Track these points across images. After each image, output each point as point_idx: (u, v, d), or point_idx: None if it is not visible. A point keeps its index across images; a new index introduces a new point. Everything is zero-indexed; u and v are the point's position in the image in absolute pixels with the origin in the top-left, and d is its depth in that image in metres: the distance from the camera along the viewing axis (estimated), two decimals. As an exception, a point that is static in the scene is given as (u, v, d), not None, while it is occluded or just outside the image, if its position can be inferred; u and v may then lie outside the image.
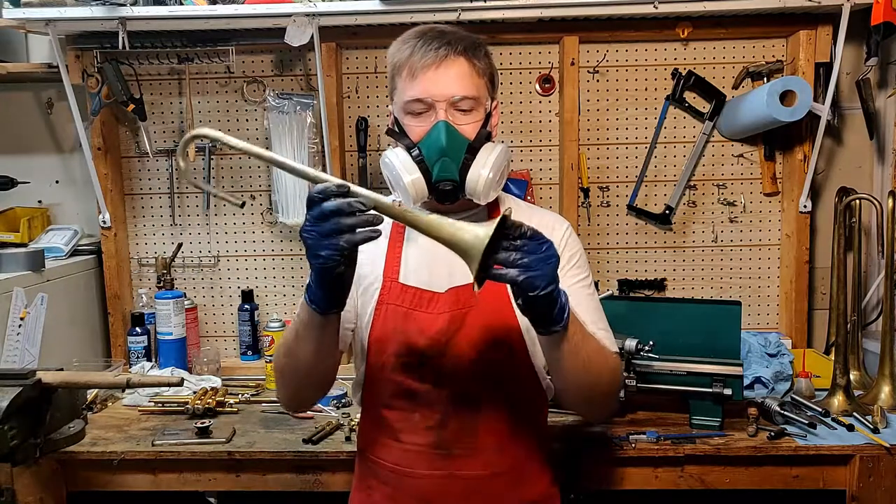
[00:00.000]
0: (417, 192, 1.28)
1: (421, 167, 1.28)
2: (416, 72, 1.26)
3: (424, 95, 1.26)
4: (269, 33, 2.15)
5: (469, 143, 1.28)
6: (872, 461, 1.64)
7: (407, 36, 1.31)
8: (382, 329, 1.31)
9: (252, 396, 2.06)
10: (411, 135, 1.30)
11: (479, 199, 1.30)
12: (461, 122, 1.28)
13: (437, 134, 1.26)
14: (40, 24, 2.04)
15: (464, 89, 1.26)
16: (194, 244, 2.37)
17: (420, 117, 1.28)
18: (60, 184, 2.46)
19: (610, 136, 2.29)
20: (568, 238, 1.37)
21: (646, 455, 1.67)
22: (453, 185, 1.28)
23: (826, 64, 2.16)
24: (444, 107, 1.26)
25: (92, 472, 1.74)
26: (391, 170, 1.30)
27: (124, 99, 2.17)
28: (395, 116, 1.34)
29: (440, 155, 1.26)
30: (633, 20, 2.17)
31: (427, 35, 1.28)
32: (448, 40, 1.27)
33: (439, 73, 1.25)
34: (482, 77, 1.30)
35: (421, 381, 1.28)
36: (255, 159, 2.32)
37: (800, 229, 2.22)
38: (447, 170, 1.26)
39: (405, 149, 1.30)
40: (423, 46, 1.26)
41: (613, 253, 2.32)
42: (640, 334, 1.76)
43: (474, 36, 1.32)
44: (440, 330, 1.27)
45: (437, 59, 1.25)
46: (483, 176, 1.27)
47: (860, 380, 1.98)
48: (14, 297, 1.94)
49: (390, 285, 1.32)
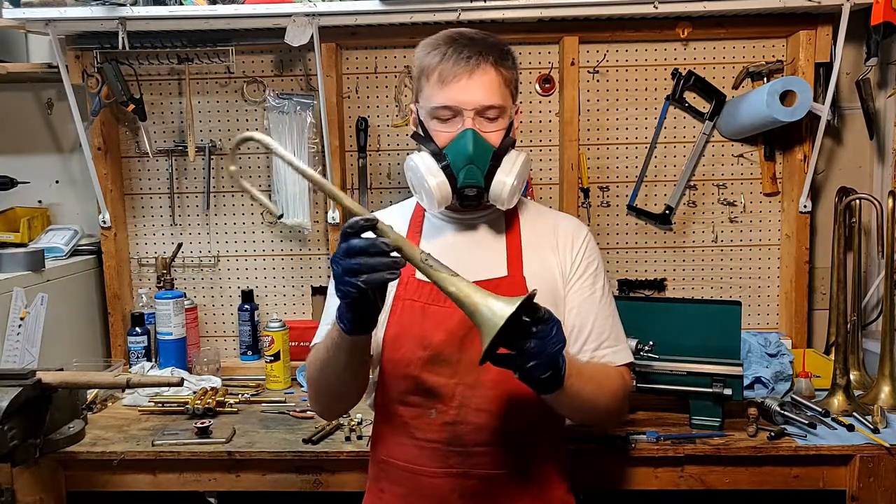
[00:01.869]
0: (442, 195, 1.30)
1: (446, 172, 1.30)
2: (445, 79, 1.27)
3: (453, 103, 1.27)
4: (269, 33, 2.16)
5: (494, 150, 1.30)
6: (872, 461, 1.64)
7: (437, 40, 1.31)
8: (399, 325, 1.32)
9: (252, 396, 2.06)
10: (437, 140, 1.31)
11: (501, 205, 1.32)
12: (487, 130, 1.29)
13: (464, 141, 1.28)
14: (40, 24, 2.04)
15: (491, 99, 1.28)
16: (194, 244, 2.37)
17: (447, 123, 1.30)
18: (60, 184, 2.46)
19: (610, 136, 2.29)
20: (587, 247, 1.39)
21: (646, 455, 1.67)
22: (478, 191, 1.30)
23: (826, 64, 2.16)
24: (472, 115, 1.28)
25: (92, 472, 1.74)
26: (416, 172, 1.32)
27: (124, 99, 2.17)
28: (419, 118, 1.36)
29: (467, 162, 1.28)
30: (633, 20, 2.17)
31: (458, 42, 1.29)
32: (479, 49, 1.28)
33: (469, 82, 1.27)
34: (509, 86, 1.32)
35: (437, 376, 1.28)
36: (254, 159, 2.33)
37: (800, 229, 2.22)
38: (473, 176, 1.29)
39: (430, 154, 1.32)
40: (455, 54, 1.27)
41: (613, 253, 2.32)
42: (640, 334, 1.77)
43: (503, 43, 1.33)
44: (457, 324, 1.28)
45: (467, 68, 1.27)
46: (507, 184, 1.30)
47: (860, 380, 1.98)
48: (14, 297, 1.94)
49: (407, 280, 1.33)
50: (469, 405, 1.27)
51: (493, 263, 1.35)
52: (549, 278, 1.34)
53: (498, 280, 1.32)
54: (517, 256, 1.35)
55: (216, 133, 2.32)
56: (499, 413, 1.28)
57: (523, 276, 1.33)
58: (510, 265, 1.34)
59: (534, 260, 1.35)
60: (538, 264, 1.35)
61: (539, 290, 1.27)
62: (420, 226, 1.41)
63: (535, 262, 1.35)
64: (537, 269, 1.34)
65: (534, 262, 1.35)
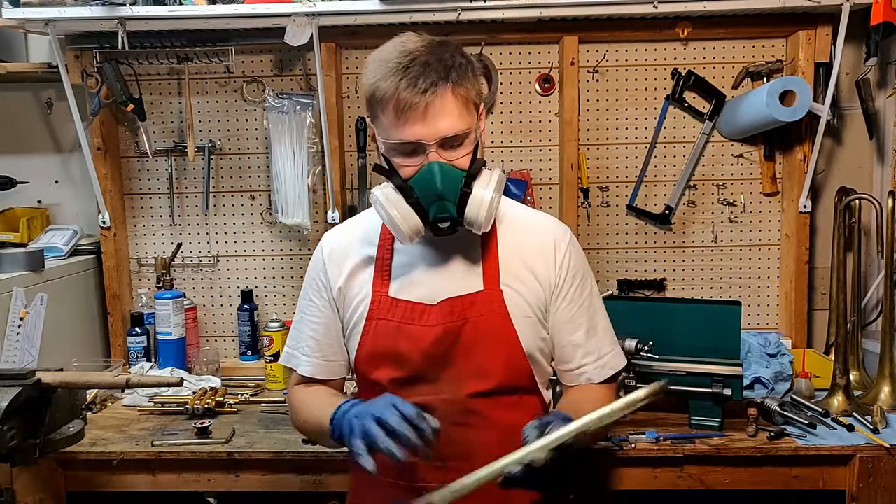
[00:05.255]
0: (412, 230, 1.24)
1: (416, 208, 1.23)
2: (401, 113, 1.18)
3: (414, 139, 1.19)
4: (268, 33, 2.15)
5: (464, 175, 1.23)
6: (872, 461, 1.64)
7: (387, 65, 1.19)
8: (373, 345, 1.29)
9: (252, 396, 2.06)
10: (402, 173, 1.23)
11: (478, 230, 1.25)
12: (454, 158, 1.22)
13: (430, 176, 1.20)
14: (40, 23, 2.04)
15: (454, 127, 1.19)
16: (194, 244, 2.37)
17: (409, 157, 1.22)
18: (60, 184, 2.46)
19: (610, 136, 2.29)
20: (572, 255, 1.33)
21: (645, 455, 1.67)
22: (451, 222, 1.23)
23: (826, 64, 2.15)
24: (435, 147, 1.20)
25: (91, 472, 1.74)
26: (384, 209, 1.24)
27: (124, 99, 2.17)
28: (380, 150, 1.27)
29: (436, 198, 1.21)
30: (632, 20, 2.16)
31: (411, 69, 1.17)
32: (435, 76, 1.17)
33: (428, 113, 1.17)
34: (469, 106, 1.23)
35: (416, 396, 1.24)
36: (254, 159, 2.33)
37: (799, 229, 2.22)
38: (444, 210, 1.22)
39: (396, 189, 1.24)
40: (410, 86, 1.16)
41: (613, 253, 2.32)
42: (640, 334, 1.77)
43: (458, 56, 1.22)
44: (434, 343, 1.25)
45: (425, 99, 1.16)
46: (482, 211, 1.22)
47: (860, 380, 1.98)
48: (14, 297, 1.94)
49: (380, 300, 1.29)
50: (449, 423, 1.22)
51: (468, 278, 1.29)
52: (531, 289, 1.30)
53: (473, 295, 1.27)
54: (494, 269, 1.29)
55: (216, 133, 2.32)
56: (479, 427, 1.25)
57: (500, 289, 1.28)
58: (486, 279, 1.29)
59: (512, 271, 1.30)
60: (517, 275, 1.30)
61: (520, 303, 1.28)
62: (391, 239, 1.33)
63: (514, 273, 1.30)
64: (516, 281, 1.29)
65: (512, 273, 1.30)
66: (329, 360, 1.38)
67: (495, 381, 1.26)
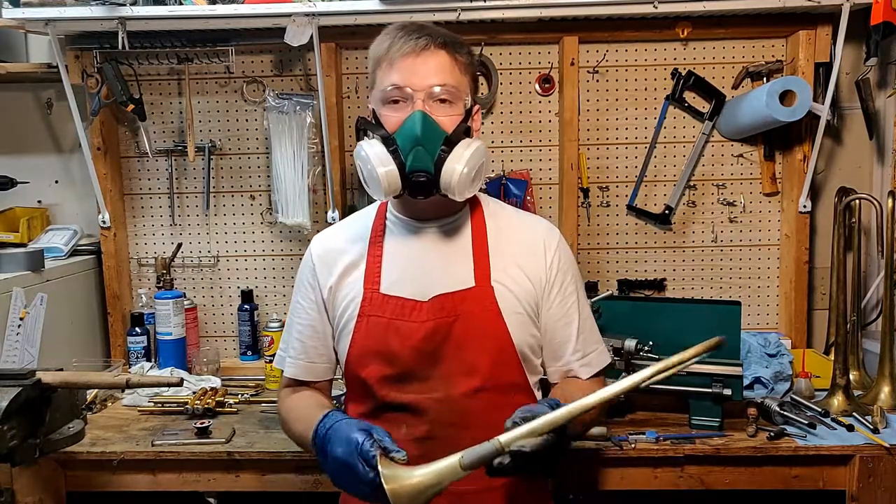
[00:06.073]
0: (391, 184, 1.23)
1: (395, 159, 1.23)
2: (394, 61, 1.23)
3: (402, 83, 1.22)
4: (268, 33, 2.15)
5: (446, 135, 1.24)
6: (872, 461, 1.64)
7: (387, 30, 1.28)
8: (364, 343, 1.29)
9: (252, 396, 2.06)
10: (387, 125, 1.25)
11: (453, 194, 1.25)
12: (439, 114, 1.24)
13: (412, 123, 1.22)
14: (40, 24, 2.04)
15: (443, 79, 1.23)
16: (194, 244, 2.37)
17: (397, 107, 1.25)
18: (60, 184, 2.46)
19: (610, 136, 2.29)
20: (561, 254, 1.34)
21: (645, 455, 1.67)
22: (427, 178, 1.23)
23: (826, 64, 2.16)
24: (423, 97, 1.22)
25: (91, 472, 1.74)
26: (364, 162, 1.25)
27: (124, 99, 2.17)
28: (372, 109, 1.31)
29: (414, 144, 1.21)
30: (632, 20, 2.16)
31: (408, 27, 1.26)
32: (429, 32, 1.25)
33: (418, 61, 1.23)
34: (464, 74, 1.27)
35: (406, 394, 1.25)
36: (254, 159, 2.33)
37: (799, 229, 2.22)
38: (421, 160, 1.22)
39: (380, 139, 1.26)
40: (403, 37, 1.24)
41: (613, 253, 2.32)
42: (640, 334, 1.77)
43: (456, 35, 1.30)
44: (424, 339, 1.25)
45: (416, 49, 1.23)
46: (458, 171, 1.22)
47: (860, 380, 1.98)
48: (14, 297, 1.94)
49: (371, 296, 1.29)
50: (441, 420, 1.25)
51: (459, 274, 1.29)
52: (522, 286, 1.31)
53: (465, 291, 1.28)
54: (485, 265, 1.30)
55: (216, 133, 2.32)
56: (471, 427, 1.23)
57: (491, 285, 1.29)
58: (477, 275, 1.29)
59: (503, 268, 1.31)
60: (508, 272, 1.31)
61: (511, 299, 1.28)
62: (382, 236, 1.35)
63: (505, 269, 1.31)
64: (507, 278, 1.30)
65: (503, 270, 1.30)
66: (314, 363, 1.39)
67: (486, 378, 1.26)
